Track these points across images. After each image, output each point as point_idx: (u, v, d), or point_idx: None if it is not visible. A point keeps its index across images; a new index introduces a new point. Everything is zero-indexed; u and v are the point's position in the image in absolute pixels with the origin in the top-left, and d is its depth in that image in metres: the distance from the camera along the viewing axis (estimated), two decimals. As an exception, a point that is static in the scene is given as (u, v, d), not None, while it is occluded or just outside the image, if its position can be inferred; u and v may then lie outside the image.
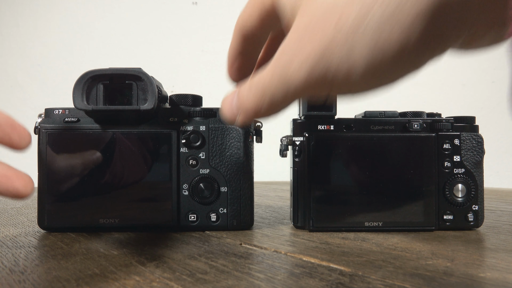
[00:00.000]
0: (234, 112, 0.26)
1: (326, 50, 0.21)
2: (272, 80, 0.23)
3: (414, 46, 0.20)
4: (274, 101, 0.24)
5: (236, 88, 0.26)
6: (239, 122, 0.26)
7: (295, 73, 0.22)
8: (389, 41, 0.20)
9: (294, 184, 0.38)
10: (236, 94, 0.26)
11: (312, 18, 0.22)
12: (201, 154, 0.37)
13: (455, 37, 0.20)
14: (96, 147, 0.36)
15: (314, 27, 0.22)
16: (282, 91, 0.23)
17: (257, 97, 0.24)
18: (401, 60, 0.21)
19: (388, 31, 0.20)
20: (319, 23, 0.21)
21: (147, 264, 0.27)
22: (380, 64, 0.21)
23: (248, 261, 0.28)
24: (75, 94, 0.34)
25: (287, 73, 0.23)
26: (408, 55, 0.20)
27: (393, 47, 0.20)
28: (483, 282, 0.23)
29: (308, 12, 0.22)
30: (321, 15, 0.21)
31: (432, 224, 0.38)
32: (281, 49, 0.23)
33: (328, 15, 0.21)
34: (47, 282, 0.23)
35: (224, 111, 0.26)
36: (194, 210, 0.37)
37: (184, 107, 0.38)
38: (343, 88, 0.22)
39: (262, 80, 0.24)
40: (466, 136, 0.39)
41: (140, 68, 0.34)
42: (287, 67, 0.23)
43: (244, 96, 0.25)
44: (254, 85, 0.25)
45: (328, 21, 0.21)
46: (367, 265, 0.26)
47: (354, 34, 0.20)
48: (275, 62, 0.24)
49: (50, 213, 0.36)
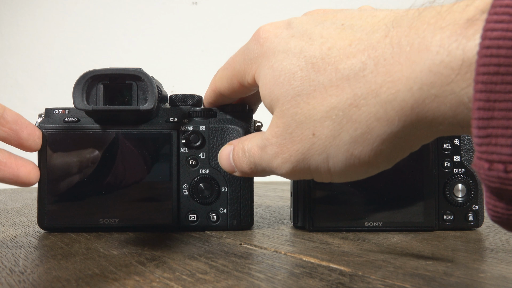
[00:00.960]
0: (232, 168, 0.29)
1: (306, 155, 0.24)
2: (261, 162, 0.27)
3: (386, 158, 0.22)
4: (265, 173, 0.27)
5: (232, 143, 0.30)
6: (238, 175, 0.30)
7: (279, 166, 0.25)
8: (363, 155, 0.22)
9: (294, 184, 0.38)
10: (231, 154, 0.29)
11: (291, 123, 0.24)
12: (201, 154, 0.37)
13: (425, 141, 0.22)
14: (96, 147, 0.36)
15: (292, 134, 0.24)
16: (270, 171, 0.27)
17: (250, 166, 0.28)
18: (376, 164, 0.23)
19: (360, 149, 0.22)
20: (297, 131, 0.24)
21: (147, 264, 0.27)
22: (357, 168, 0.23)
23: (248, 261, 0.28)
24: (75, 94, 0.34)
25: (273, 164, 0.26)
26: (382, 162, 0.23)
27: (367, 158, 0.22)
28: (483, 282, 0.23)
29: (285, 118, 0.24)
30: (296, 126, 0.24)
31: (432, 224, 0.38)
32: (267, 137, 0.26)
33: (303, 128, 0.23)
34: (47, 282, 0.23)
35: (223, 165, 0.30)
36: (194, 210, 0.37)
37: (184, 107, 0.38)
38: (324, 179, 0.25)
39: (253, 153, 0.27)
40: (466, 136, 0.39)
41: (140, 68, 0.34)
42: (272, 160, 0.26)
43: (240, 160, 0.28)
44: (247, 155, 0.28)
45: (304, 132, 0.23)
46: (367, 265, 0.26)
47: (329, 147, 0.23)
48: (262, 147, 0.26)
49: (50, 213, 0.36)
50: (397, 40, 0.20)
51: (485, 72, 0.16)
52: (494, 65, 0.15)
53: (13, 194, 0.78)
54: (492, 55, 0.15)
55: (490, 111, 0.16)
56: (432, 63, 0.18)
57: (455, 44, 0.18)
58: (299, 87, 0.23)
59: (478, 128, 0.16)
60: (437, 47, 0.18)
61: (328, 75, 0.22)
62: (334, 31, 0.23)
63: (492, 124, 0.16)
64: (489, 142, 0.16)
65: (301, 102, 0.23)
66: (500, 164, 0.16)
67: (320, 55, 0.23)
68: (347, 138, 0.22)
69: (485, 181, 0.16)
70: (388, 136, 0.21)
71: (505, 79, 0.15)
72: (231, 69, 0.30)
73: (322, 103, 0.22)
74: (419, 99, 0.19)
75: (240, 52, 0.29)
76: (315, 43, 0.23)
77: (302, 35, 0.24)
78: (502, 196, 0.16)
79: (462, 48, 0.17)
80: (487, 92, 0.16)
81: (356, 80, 0.21)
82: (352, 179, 0.24)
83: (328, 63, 0.22)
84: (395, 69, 0.20)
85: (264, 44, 0.26)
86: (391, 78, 0.20)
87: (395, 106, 0.20)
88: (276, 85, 0.24)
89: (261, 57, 0.26)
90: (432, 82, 0.18)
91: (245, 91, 0.32)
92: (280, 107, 0.24)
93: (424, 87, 0.19)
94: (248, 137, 0.28)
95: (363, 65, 0.21)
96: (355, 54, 0.22)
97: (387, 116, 0.20)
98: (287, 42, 0.25)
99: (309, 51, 0.23)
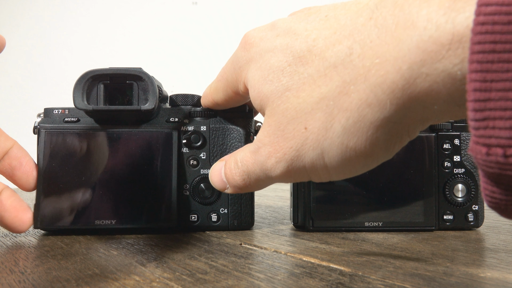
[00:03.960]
0: (224, 185, 0.28)
1: (300, 151, 0.23)
2: (255, 167, 0.26)
3: (383, 147, 0.21)
4: (259, 182, 0.26)
5: (223, 159, 0.29)
6: (230, 192, 0.29)
7: (273, 167, 0.24)
8: (358, 145, 0.21)
9: (294, 184, 0.38)
10: (223, 168, 0.28)
11: (282, 120, 0.23)
12: (202, 154, 0.37)
13: (422, 126, 0.21)
14: (96, 147, 0.36)
15: (284, 130, 0.23)
16: (264, 177, 0.26)
17: (243, 177, 0.27)
18: (373, 155, 0.22)
19: (354, 140, 0.21)
20: (289, 128, 0.23)
21: (147, 264, 0.27)
22: (354, 161, 0.22)
23: (248, 261, 0.28)
24: (75, 93, 0.34)
25: (267, 166, 0.25)
26: (379, 151, 0.22)
27: (363, 149, 0.21)
28: (483, 282, 0.23)
29: (276, 115, 0.24)
30: (287, 122, 0.23)
31: (432, 224, 0.38)
32: (259, 138, 0.25)
33: (295, 123, 0.23)
34: (47, 282, 0.23)
35: (214, 182, 0.29)
36: (195, 211, 0.37)
37: (185, 107, 0.38)
38: (322, 178, 0.24)
39: (245, 162, 0.26)
40: (466, 136, 0.39)
41: (140, 68, 0.34)
42: (266, 161, 0.25)
43: (232, 173, 0.27)
44: (240, 165, 0.27)
45: (296, 128, 0.23)
46: (367, 265, 0.26)
47: (323, 140, 0.22)
48: (255, 151, 0.26)
49: (46, 214, 0.36)
50: (381, 21, 0.19)
51: (480, 51, 0.14)
52: (489, 42, 0.14)
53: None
54: (487, 32, 0.14)
55: (486, 92, 0.14)
56: (420, 39, 0.17)
57: (443, 18, 0.17)
58: (289, 82, 0.23)
59: (475, 110, 0.15)
60: (424, 22, 0.17)
61: (316, 65, 0.22)
62: (318, 23, 0.23)
63: (489, 105, 0.14)
64: (486, 125, 0.15)
65: (290, 97, 0.23)
66: (499, 148, 0.14)
67: (306, 48, 0.23)
68: (339, 129, 0.21)
69: (483, 167, 0.15)
70: (381, 122, 0.20)
71: (502, 57, 0.14)
72: (224, 80, 0.30)
73: (312, 95, 0.22)
74: (409, 79, 0.18)
75: (229, 62, 0.29)
76: (300, 37, 0.23)
77: (287, 32, 0.24)
78: (500, 181, 0.15)
79: (451, 22, 0.16)
80: (483, 72, 0.14)
81: (344, 66, 0.21)
82: (351, 174, 0.23)
83: (315, 54, 0.22)
84: (382, 50, 0.19)
85: (250, 50, 0.26)
86: (378, 60, 0.19)
87: (385, 89, 0.19)
88: (265, 84, 0.24)
89: (249, 63, 0.26)
90: (422, 60, 0.17)
91: (241, 99, 0.31)
92: (270, 105, 0.24)
93: (413, 66, 0.18)
94: (240, 149, 0.28)
95: (349, 50, 0.20)
96: (341, 40, 0.21)
97: (378, 101, 0.19)
98: (273, 42, 0.24)
99: (295, 45, 0.23)
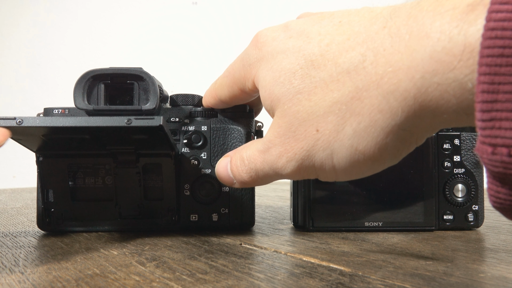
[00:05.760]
0: (231, 180, 0.29)
1: (310, 152, 0.24)
2: (264, 165, 0.26)
3: (391, 152, 0.22)
4: (267, 178, 0.27)
5: (228, 155, 0.29)
6: (237, 187, 0.29)
7: (284, 166, 0.25)
8: (367, 149, 0.22)
9: (294, 184, 0.38)
10: (229, 164, 0.29)
11: (293, 121, 0.24)
12: (203, 154, 0.37)
13: (430, 133, 0.22)
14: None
15: (296, 132, 0.24)
16: (274, 174, 0.26)
17: (250, 174, 0.27)
18: (381, 159, 0.22)
19: (364, 143, 0.22)
20: (300, 129, 0.24)
21: (147, 264, 0.27)
22: (362, 164, 0.23)
23: (248, 261, 0.28)
24: (76, 93, 0.34)
25: (277, 165, 0.25)
26: (387, 156, 0.22)
27: (372, 153, 0.22)
28: (483, 282, 0.23)
29: (287, 117, 0.24)
30: (299, 124, 0.24)
31: (432, 224, 0.38)
32: (270, 139, 0.26)
33: (306, 125, 0.23)
34: (47, 282, 0.23)
35: (222, 178, 0.29)
36: (195, 210, 0.37)
37: (185, 107, 0.38)
38: (329, 178, 0.25)
39: (253, 161, 0.27)
40: (466, 136, 0.39)
41: (141, 67, 0.34)
42: (276, 160, 0.25)
43: (238, 170, 0.28)
44: (247, 163, 0.27)
45: (307, 129, 0.23)
46: (367, 265, 0.26)
47: (333, 142, 0.22)
48: (265, 150, 0.26)
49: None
50: (395, 30, 0.20)
51: (490, 54, 0.15)
52: (498, 47, 0.15)
53: (13, 194, 0.78)
54: (497, 37, 0.15)
55: (494, 93, 0.15)
56: (433, 50, 0.18)
57: (456, 29, 0.17)
58: (300, 85, 0.23)
59: (482, 111, 0.16)
60: (438, 33, 0.18)
61: (328, 70, 0.22)
62: (332, 28, 0.23)
63: (496, 107, 0.15)
64: (492, 126, 0.15)
65: (302, 99, 0.23)
66: (504, 148, 0.15)
67: (319, 52, 0.23)
68: (350, 132, 0.22)
69: (488, 166, 0.16)
70: (392, 129, 0.21)
71: (510, 61, 0.15)
72: (231, 76, 0.30)
73: (324, 99, 0.22)
74: (421, 88, 0.19)
75: (239, 58, 0.29)
76: (313, 40, 0.23)
77: (300, 34, 0.24)
78: (505, 181, 0.16)
79: (464, 34, 0.17)
80: (491, 74, 0.15)
81: (357, 73, 0.21)
82: (357, 176, 0.24)
83: (328, 59, 0.22)
84: (395, 58, 0.20)
85: (262, 49, 0.26)
86: (391, 68, 0.20)
87: (397, 96, 0.20)
88: (276, 86, 0.24)
89: (260, 61, 0.26)
90: (434, 70, 0.18)
91: (247, 97, 0.32)
92: (281, 107, 0.24)
93: (426, 76, 0.18)
94: (244, 146, 0.28)
95: (363, 57, 0.21)
96: (354, 47, 0.21)
97: (390, 108, 0.20)
98: (285, 43, 0.25)
99: (307, 49, 0.23)
